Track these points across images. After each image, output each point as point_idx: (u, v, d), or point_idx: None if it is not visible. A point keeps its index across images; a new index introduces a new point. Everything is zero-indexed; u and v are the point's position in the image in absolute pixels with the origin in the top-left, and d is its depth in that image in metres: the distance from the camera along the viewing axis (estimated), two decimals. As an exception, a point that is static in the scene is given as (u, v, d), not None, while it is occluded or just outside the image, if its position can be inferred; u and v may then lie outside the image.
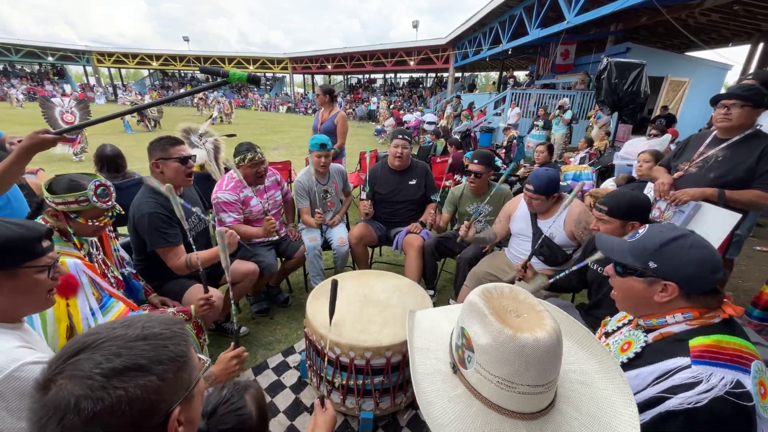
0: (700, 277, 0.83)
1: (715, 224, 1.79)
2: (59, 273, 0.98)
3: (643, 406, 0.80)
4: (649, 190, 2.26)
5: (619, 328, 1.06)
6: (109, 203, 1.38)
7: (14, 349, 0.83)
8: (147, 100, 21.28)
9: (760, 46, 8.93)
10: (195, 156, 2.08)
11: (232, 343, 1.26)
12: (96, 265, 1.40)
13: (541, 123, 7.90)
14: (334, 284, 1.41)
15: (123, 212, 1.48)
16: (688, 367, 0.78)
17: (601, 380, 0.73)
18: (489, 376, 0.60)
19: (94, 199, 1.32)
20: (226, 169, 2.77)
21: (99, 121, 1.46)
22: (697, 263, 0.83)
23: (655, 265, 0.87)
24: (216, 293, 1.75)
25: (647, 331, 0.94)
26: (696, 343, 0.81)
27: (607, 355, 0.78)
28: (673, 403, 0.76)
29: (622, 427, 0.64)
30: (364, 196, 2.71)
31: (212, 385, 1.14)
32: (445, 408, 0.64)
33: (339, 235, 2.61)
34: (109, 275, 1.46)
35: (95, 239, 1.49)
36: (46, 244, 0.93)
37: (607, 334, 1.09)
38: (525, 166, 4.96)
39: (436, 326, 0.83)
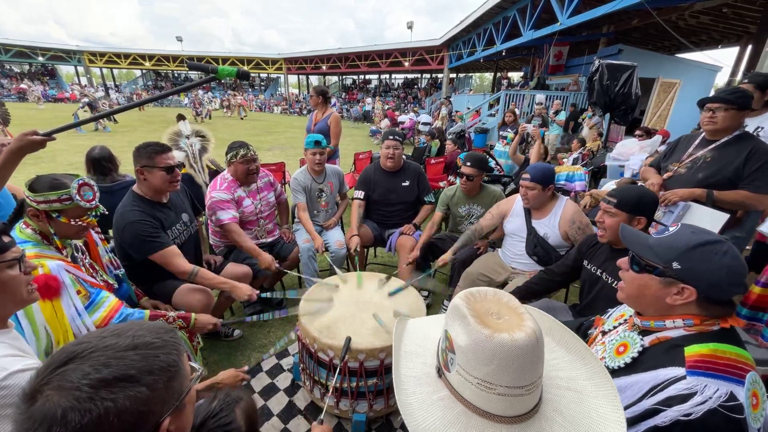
0: (725, 286, 0.80)
1: (703, 224, 1.80)
2: (30, 267, 0.96)
3: (638, 418, 0.79)
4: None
5: (614, 327, 1.04)
6: (93, 203, 1.35)
7: (0, 359, 0.82)
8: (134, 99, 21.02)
9: (749, 47, 9.07)
10: (182, 164, 2.03)
11: (246, 366, 1.32)
12: (83, 268, 1.38)
13: (509, 134, 5.55)
14: (347, 341, 1.35)
15: (107, 212, 1.46)
16: (683, 378, 0.77)
17: (589, 386, 0.72)
18: (469, 378, 0.60)
19: (78, 197, 1.28)
20: (215, 172, 2.75)
21: (85, 122, 1.46)
22: (728, 271, 0.79)
23: (679, 267, 0.83)
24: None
25: (643, 332, 0.92)
26: (692, 351, 0.79)
27: (596, 362, 0.77)
28: (668, 415, 0.75)
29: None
30: (359, 195, 2.71)
31: (216, 390, 1.15)
32: (426, 411, 0.64)
33: (336, 238, 2.61)
34: (98, 279, 1.44)
35: (80, 244, 1.47)
36: (6, 239, 0.91)
37: (603, 333, 1.08)
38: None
39: (425, 333, 0.82)
